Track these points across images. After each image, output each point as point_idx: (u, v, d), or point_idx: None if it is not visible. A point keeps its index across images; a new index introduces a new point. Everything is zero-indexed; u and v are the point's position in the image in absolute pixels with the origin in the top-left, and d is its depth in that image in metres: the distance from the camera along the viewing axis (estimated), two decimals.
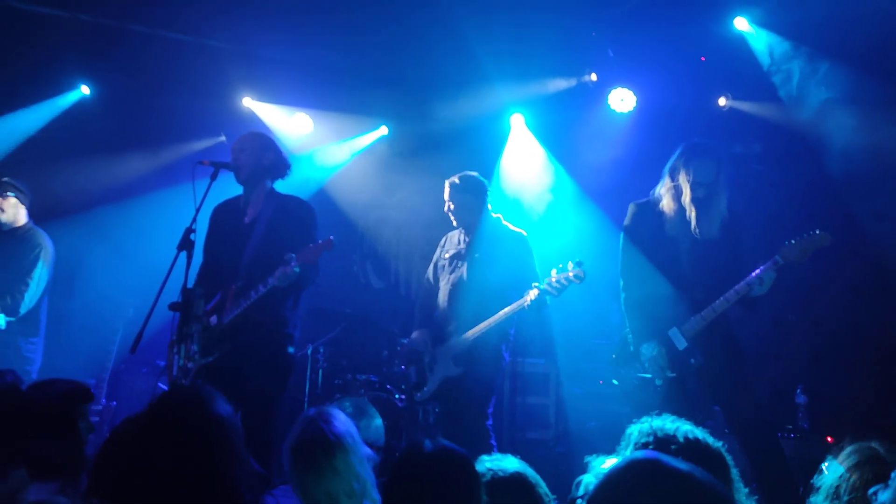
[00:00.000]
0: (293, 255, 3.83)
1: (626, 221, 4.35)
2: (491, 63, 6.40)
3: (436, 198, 4.92)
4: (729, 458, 1.94)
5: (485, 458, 2.29)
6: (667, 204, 4.20)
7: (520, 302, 4.33)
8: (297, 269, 3.84)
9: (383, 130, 7.68)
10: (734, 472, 1.93)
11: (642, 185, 4.49)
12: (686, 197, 4.11)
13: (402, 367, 4.97)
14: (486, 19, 5.97)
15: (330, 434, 2.42)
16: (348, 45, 6.78)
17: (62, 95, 6.74)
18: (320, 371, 6.03)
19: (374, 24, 6.39)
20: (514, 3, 6.04)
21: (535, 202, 7.08)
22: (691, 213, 4.11)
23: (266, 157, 4.31)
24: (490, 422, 4.51)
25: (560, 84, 6.90)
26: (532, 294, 4.25)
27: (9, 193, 5.19)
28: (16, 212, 5.25)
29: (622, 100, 6.88)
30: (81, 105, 6.81)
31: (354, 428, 2.54)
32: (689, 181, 4.09)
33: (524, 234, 4.75)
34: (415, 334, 4.84)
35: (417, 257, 7.43)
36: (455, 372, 4.51)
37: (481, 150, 7.01)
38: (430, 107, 7.16)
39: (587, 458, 1.96)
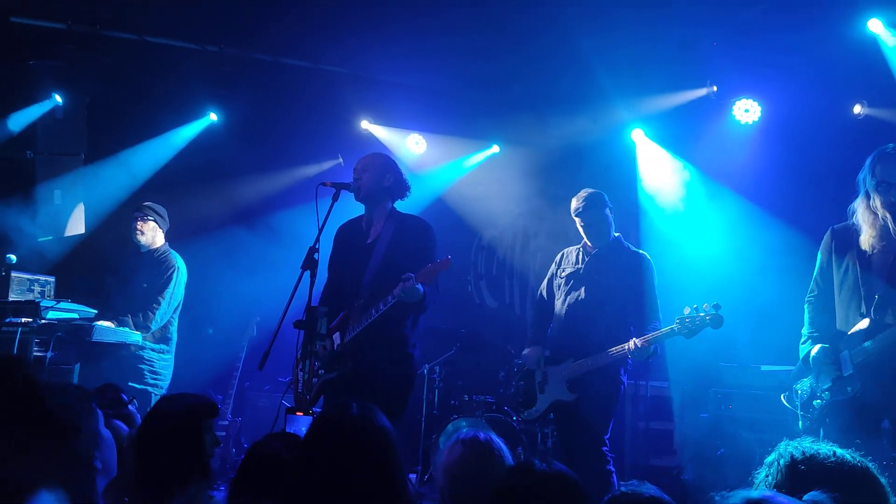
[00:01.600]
0: (412, 274, 3.87)
1: (822, 246, 4.05)
2: (608, 78, 6.26)
3: (549, 217, 4.86)
4: (883, 479, 1.79)
5: (621, 484, 2.19)
6: (861, 216, 3.85)
7: (621, 348, 4.28)
8: (419, 287, 3.89)
9: (494, 149, 7.67)
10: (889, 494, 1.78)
11: (780, 197, 4.24)
12: (876, 201, 3.77)
13: (515, 385, 4.86)
14: (603, 35, 5.86)
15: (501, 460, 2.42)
16: (462, 66, 6.82)
17: (193, 123, 7.11)
18: (436, 391, 6.02)
19: (489, 45, 6.40)
20: (631, 17, 5.90)
21: (675, 216, 6.82)
22: (887, 219, 3.74)
23: (387, 178, 4.35)
24: (607, 448, 4.35)
25: (681, 97, 6.66)
26: (634, 343, 4.20)
27: (148, 217, 5.48)
28: (154, 234, 5.53)
29: (747, 110, 6.58)
30: (210, 131, 7.16)
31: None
32: (875, 185, 3.76)
33: (647, 256, 4.61)
34: (526, 351, 4.75)
35: (532, 277, 7.33)
36: (569, 397, 4.42)
37: (598, 167, 6.85)
38: (544, 125, 7.09)
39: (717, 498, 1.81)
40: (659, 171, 7.02)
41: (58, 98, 6.66)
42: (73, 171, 6.71)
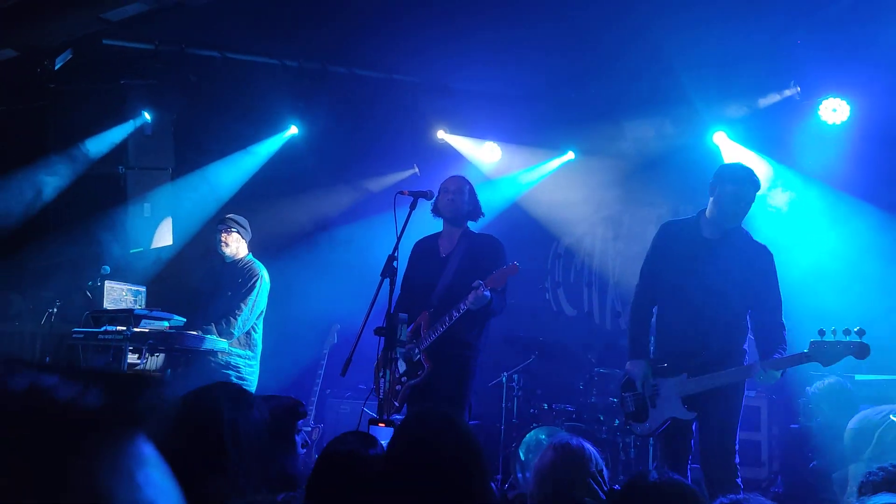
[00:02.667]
0: (481, 281, 4.14)
1: None
2: (688, 80, 6.13)
3: (628, 222, 4.77)
4: None
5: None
6: None
7: (747, 370, 3.75)
8: (486, 294, 4.13)
9: (570, 156, 7.59)
10: None
11: (874, 197, 4.06)
12: None
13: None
14: (681, 35, 5.75)
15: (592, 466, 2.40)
16: (537, 72, 6.80)
17: (275, 136, 7.30)
18: (515, 399, 5.98)
19: (564, 50, 6.36)
20: (709, 15, 5.77)
21: (764, 218, 6.53)
22: None
23: (469, 202, 4.63)
24: (738, 459, 3.88)
25: (765, 99, 6.45)
26: (761, 367, 3.65)
27: (231, 229, 5.64)
28: (237, 246, 5.68)
29: (834, 110, 6.31)
30: (291, 144, 7.34)
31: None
32: None
33: (768, 249, 3.99)
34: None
35: (611, 284, 7.22)
36: (687, 416, 3.83)
37: (678, 171, 6.69)
38: (621, 129, 6.99)
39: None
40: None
41: (146, 115, 6.95)
42: (161, 184, 6.99)
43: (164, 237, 6.90)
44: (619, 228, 7.24)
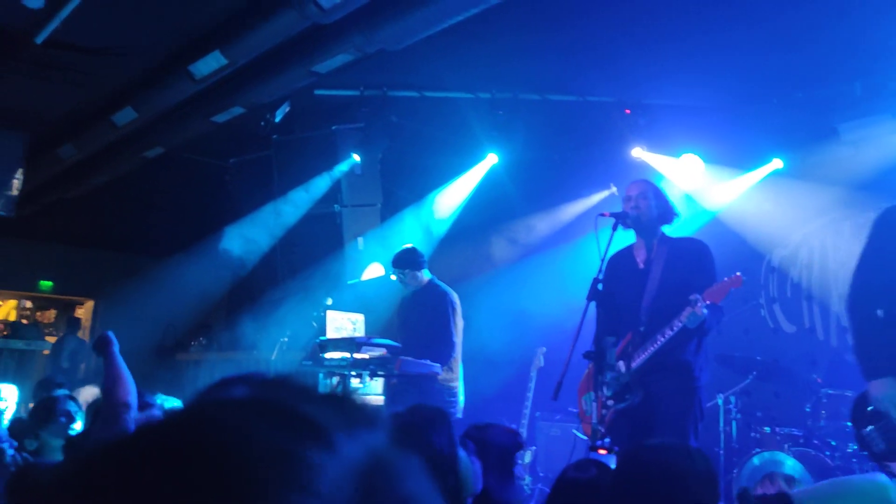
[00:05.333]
0: (699, 295, 3.78)
1: None
2: None
3: (848, 231, 4.37)
4: None
5: None
6: None
7: None
8: (705, 310, 3.79)
9: (777, 164, 7.15)
10: None
11: None
12: None
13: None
14: None
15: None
16: (736, 79, 6.51)
17: (476, 166, 7.57)
18: (734, 423, 5.68)
19: (765, 53, 6.04)
20: None
21: None
22: None
23: (657, 205, 4.34)
24: None
25: None
26: None
27: (401, 272, 5.81)
28: (414, 277, 5.81)
29: None
30: (492, 173, 7.57)
31: None
32: None
33: None
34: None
35: (834, 296, 6.67)
36: None
37: None
38: (834, 132, 6.48)
39: None
40: None
41: (356, 157, 7.49)
42: (372, 219, 7.48)
43: (376, 269, 7.36)
44: (838, 237, 6.68)
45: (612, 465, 2.55)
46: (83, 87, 7.42)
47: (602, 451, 3.59)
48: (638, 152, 7.30)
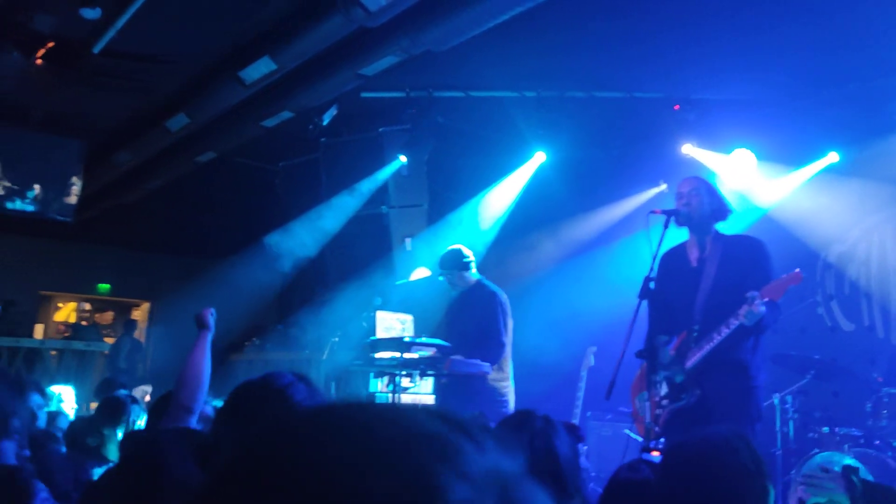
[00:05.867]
0: (756, 292, 3.70)
1: None
2: None
3: None
4: None
5: None
6: None
7: None
8: (762, 308, 3.70)
9: (833, 158, 6.96)
10: None
11: None
12: None
13: None
14: None
15: None
16: (788, 72, 6.37)
17: (524, 166, 7.55)
18: (791, 423, 5.56)
19: (816, 42, 5.90)
20: None
21: None
22: None
23: (711, 201, 4.26)
24: None
25: None
26: None
27: (449, 274, 5.81)
28: (461, 278, 5.82)
29: None
30: (540, 172, 7.54)
31: None
32: None
33: None
34: None
35: (894, 293, 6.47)
36: None
37: None
38: (893, 122, 6.29)
39: None
40: None
41: (402, 158, 7.54)
42: (419, 220, 7.52)
43: (423, 271, 7.39)
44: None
45: None
46: (138, 95, 7.63)
47: (655, 453, 3.53)
48: (688, 149, 7.19)
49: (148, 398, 6.37)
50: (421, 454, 0.50)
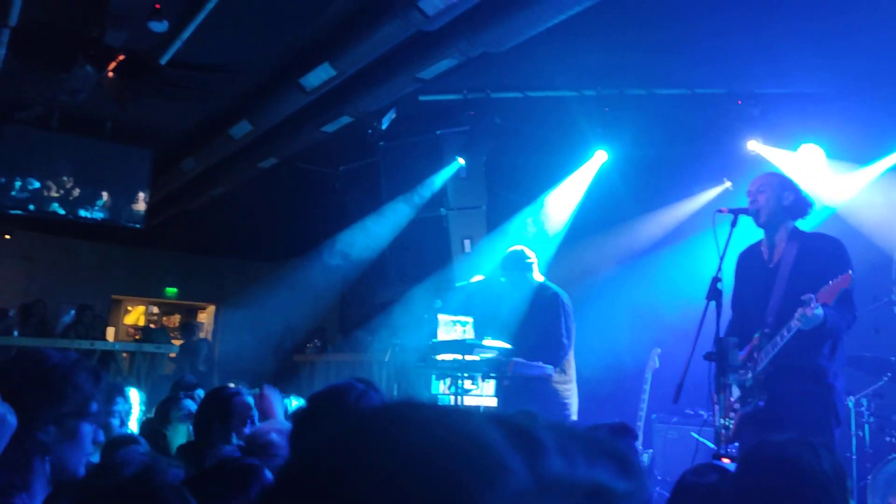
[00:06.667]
0: (812, 295, 3.57)
1: None
2: None
3: None
4: None
5: None
6: None
7: None
8: (817, 311, 3.55)
9: None
10: None
11: None
12: None
13: None
14: None
15: None
16: (859, 62, 6.15)
17: (586, 166, 7.48)
18: (866, 427, 5.38)
19: (889, 29, 5.68)
20: None
21: None
22: None
23: (785, 197, 4.11)
24: None
25: None
26: None
27: (509, 273, 5.78)
28: (525, 281, 5.80)
29: None
30: (602, 172, 7.46)
31: None
32: None
33: None
34: None
35: None
36: None
37: None
38: None
39: None
40: None
41: (460, 160, 7.55)
42: (478, 222, 7.53)
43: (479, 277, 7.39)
44: None
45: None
46: (203, 104, 7.83)
47: (726, 460, 3.45)
48: (753, 145, 7.01)
49: None
50: (461, 471, 0.49)
